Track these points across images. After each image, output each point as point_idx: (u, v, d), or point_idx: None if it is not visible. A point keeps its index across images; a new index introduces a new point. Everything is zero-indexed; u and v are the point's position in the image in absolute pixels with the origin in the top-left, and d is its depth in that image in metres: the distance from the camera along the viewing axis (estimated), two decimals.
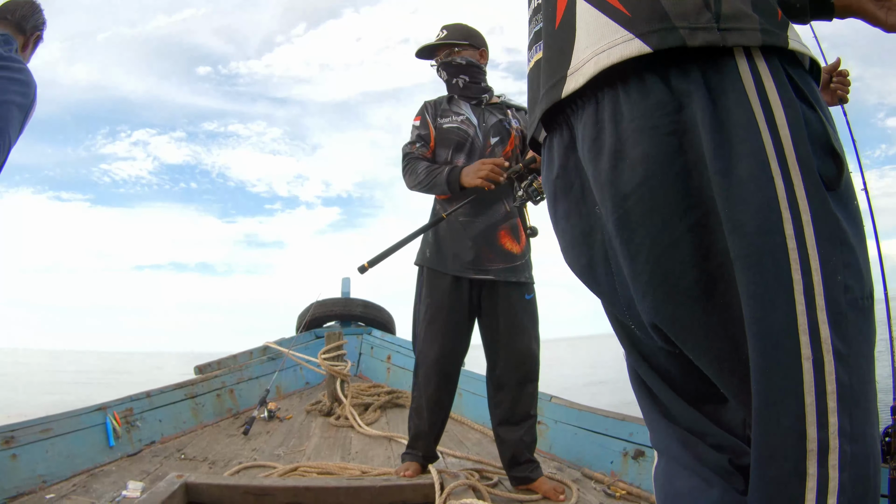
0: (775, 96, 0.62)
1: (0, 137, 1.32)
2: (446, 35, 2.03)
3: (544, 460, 2.26)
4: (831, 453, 0.58)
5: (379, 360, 4.48)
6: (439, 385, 1.99)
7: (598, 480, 2.05)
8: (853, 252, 0.62)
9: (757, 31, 0.63)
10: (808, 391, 0.59)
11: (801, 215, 0.60)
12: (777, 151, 0.61)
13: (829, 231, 0.61)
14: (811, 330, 0.59)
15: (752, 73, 0.63)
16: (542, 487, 1.89)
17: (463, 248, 1.94)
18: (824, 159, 0.62)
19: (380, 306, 5.10)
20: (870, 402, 0.61)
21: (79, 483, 1.97)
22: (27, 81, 1.48)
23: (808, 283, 0.60)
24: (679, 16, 0.65)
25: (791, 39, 0.64)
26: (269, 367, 3.78)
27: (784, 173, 0.61)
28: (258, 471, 2.19)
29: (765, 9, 0.65)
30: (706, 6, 0.64)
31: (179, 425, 2.79)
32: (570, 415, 2.43)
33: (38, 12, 1.64)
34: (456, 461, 2.33)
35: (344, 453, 2.53)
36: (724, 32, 0.63)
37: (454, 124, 2.00)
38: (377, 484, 1.70)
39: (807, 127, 0.62)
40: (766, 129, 0.61)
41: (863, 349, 0.61)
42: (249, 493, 1.65)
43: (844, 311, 0.60)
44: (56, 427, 2.07)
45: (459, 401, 3.28)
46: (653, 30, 0.65)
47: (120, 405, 2.46)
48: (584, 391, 10.62)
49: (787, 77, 0.64)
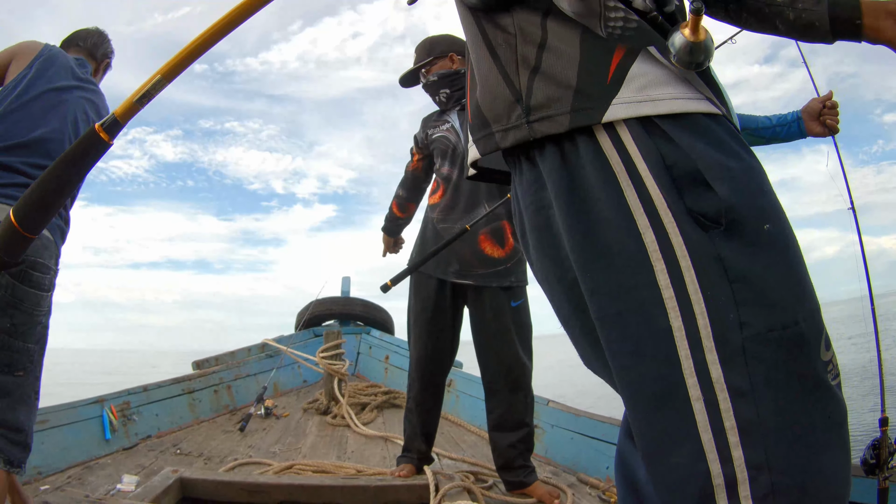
0: (634, 150, 0.62)
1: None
2: (415, 59, 2.09)
3: (540, 464, 2.26)
4: (740, 485, 0.58)
5: (377, 360, 4.48)
6: (422, 386, 2.02)
7: (593, 486, 2.05)
8: (751, 286, 0.60)
9: (567, 114, 0.64)
10: (702, 430, 0.59)
11: (678, 262, 0.60)
12: (645, 205, 0.61)
13: (713, 271, 0.60)
14: (698, 372, 0.59)
15: (612, 138, 0.63)
16: (536, 492, 1.89)
17: (445, 252, 1.95)
18: (702, 196, 0.61)
19: (379, 306, 5.10)
20: (802, 431, 0.59)
21: (74, 475, 1.97)
22: (102, 104, 1.67)
23: (692, 327, 0.59)
24: (494, 119, 0.72)
25: (615, 105, 0.63)
26: (267, 365, 3.78)
27: (655, 225, 0.61)
28: (253, 468, 2.19)
29: (587, 80, 0.64)
30: (517, 101, 0.69)
31: (176, 420, 2.79)
32: (567, 419, 2.43)
33: (108, 41, 1.81)
34: (451, 463, 2.33)
35: (340, 452, 2.52)
36: (532, 125, 0.67)
37: (440, 133, 2.05)
38: (372, 484, 1.70)
39: (671, 170, 0.62)
40: (629, 187, 0.62)
41: (780, 381, 0.59)
42: (244, 489, 1.65)
43: (741, 348, 0.59)
44: (52, 419, 2.08)
45: (456, 403, 3.28)
46: (479, 137, 0.75)
47: (117, 398, 2.46)
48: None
49: (655, 126, 0.63)
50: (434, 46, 2.05)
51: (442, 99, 2.05)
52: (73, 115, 1.55)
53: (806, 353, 0.59)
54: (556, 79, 0.66)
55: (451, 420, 3.15)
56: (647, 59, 0.64)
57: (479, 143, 0.76)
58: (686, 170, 0.61)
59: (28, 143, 1.43)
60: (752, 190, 0.62)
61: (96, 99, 1.65)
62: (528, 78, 0.68)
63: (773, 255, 0.61)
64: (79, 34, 1.79)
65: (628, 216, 0.62)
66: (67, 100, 1.56)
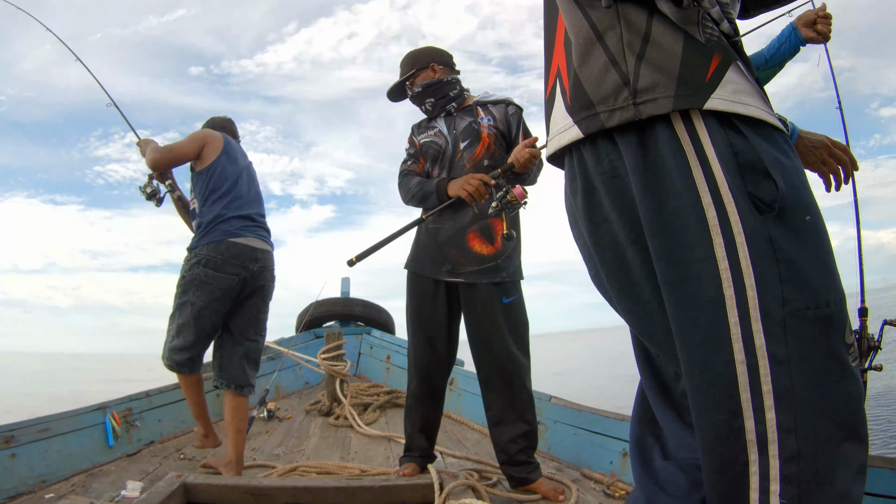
0: (706, 137, 0.72)
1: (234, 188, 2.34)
2: (400, 73, 2.12)
3: (543, 461, 2.26)
4: (770, 444, 0.66)
5: (378, 360, 4.49)
6: (420, 384, 2.03)
7: (597, 481, 2.05)
8: (794, 267, 0.68)
9: (671, 98, 0.73)
10: (742, 389, 0.67)
11: (734, 238, 0.69)
12: (709, 184, 0.70)
13: (763, 250, 0.68)
14: (745, 338, 0.68)
15: (686, 127, 0.73)
16: (541, 488, 1.89)
17: (436, 252, 1.99)
18: (761, 184, 0.70)
19: (379, 306, 5.10)
20: (826, 405, 0.67)
21: (78, 483, 1.97)
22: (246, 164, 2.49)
23: (742, 298, 0.68)
24: (601, 101, 0.78)
25: (713, 98, 0.72)
26: (268, 367, 3.78)
27: (717, 203, 0.70)
28: (257, 471, 2.19)
29: (689, 72, 0.74)
30: (625, 84, 0.76)
31: (178, 425, 2.79)
32: (570, 415, 2.43)
33: (235, 125, 2.66)
34: (455, 461, 2.33)
35: (343, 453, 2.53)
36: (638, 106, 0.74)
37: (429, 138, 2.07)
38: (376, 484, 1.70)
39: (737, 157, 0.71)
40: (697, 167, 0.71)
41: (813, 355, 0.67)
42: (248, 492, 1.65)
43: (783, 321, 0.67)
44: (55, 427, 2.07)
45: (458, 401, 3.28)
46: (581, 118, 0.81)
47: (119, 405, 2.46)
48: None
49: (728, 118, 0.72)
50: (416, 59, 2.09)
51: (428, 108, 2.09)
52: (255, 179, 2.47)
53: (835, 333, 0.68)
54: (661, 68, 0.74)
55: (453, 418, 3.15)
56: (737, 71, 0.75)
57: (581, 123, 0.81)
58: (750, 159, 0.71)
59: (251, 202, 2.35)
60: (798, 185, 0.72)
61: (251, 164, 2.51)
62: (635, 64, 0.76)
63: (812, 244, 0.70)
64: (218, 121, 2.59)
65: (694, 193, 0.71)
66: (250, 171, 2.46)
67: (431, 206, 2.00)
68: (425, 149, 2.07)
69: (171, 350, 2.20)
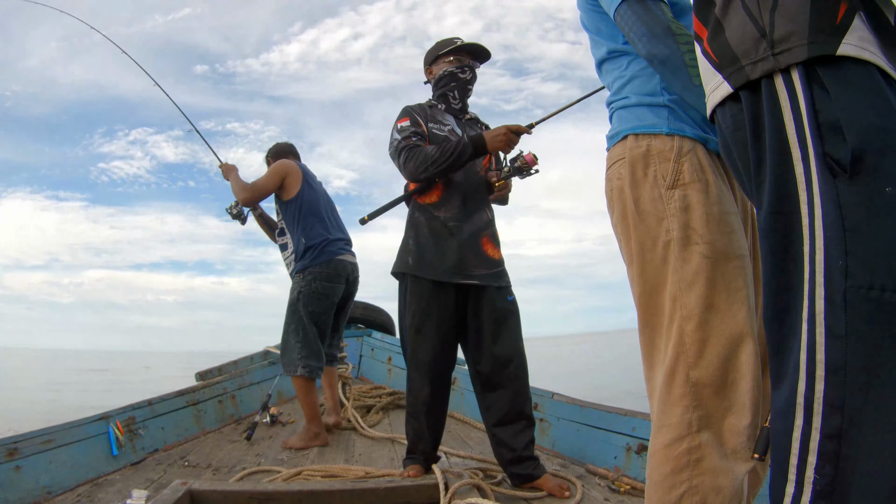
0: (800, 94, 0.74)
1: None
2: (478, 49, 2.15)
3: (547, 457, 2.27)
4: (815, 416, 0.67)
5: (380, 362, 4.49)
6: (434, 390, 2.02)
7: (602, 476, 2.06)
8: (861, 239, 0.66)
9: (805, 45, 0.75)
10: (802, 350, 0.69)
11: (814, 198, 0.70)
12: (800, 141, 0.73)
13: (833, 216, 0.68)
14: (809, 301, 0.70)
15: (786, 83, 0.76)
16: (546, 485, 1.90)
17: (448, 253, 1.98)
18: (837, 144, 0.70)
19: (379, 308, 5.10)
20: (880, 396, 0.63)
21: (83, 493, 1.97)
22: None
23: (812, 260, 0.70)
24: (744, 54, 0.81)
25: (844, 44, 0.74)
26: (270, 372, 3.78)
27: (805, 158, 0.72)
28: (262, 476, 2.19)
29: (820, 19, 0.75)
30: (762, 36, 0.79)
31: (182, 432, 2.79)
32: (573, 411, 2.44)
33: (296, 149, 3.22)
34: (459, 461, 2.33)
35: (347, 456, 2.53)
36: (776, 57, 0.77)
37: (442, 132, 2.06)
38: (381, 485, 1.70)
39: (818, 115, 0.72)
40: (791, 123, 0.74)
41: (872, 339, 0.64)
42: (254, 498, 1.65)
43: (844, 294, 0.66)
44: (58, 438, 2.07)
45: (461, 400, 3.28)
46: (730, 73, 0.83)
47: (122, 414, 2.45)
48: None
49: (817, 75, 0.74)
50: (484, 50, 2.15)
51: (456, 96, 2.13)
52: (329, 197, 3.04)
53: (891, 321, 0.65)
54: (794, 18, 0.76)
55: (457, 417, 3.16)
56: (861, 20, 0.76)
57: (731, 77, 0.84)
58: (829, 118, 0.71)
59: (338, 223, 3.01)
60: (880, 148, 0.68)
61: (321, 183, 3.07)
62: (770, 16, 0.79)
63: (886, 219, 0.66)
64: (285, 148, 3.15)
65: (786, 148, 0.74)
66: (325, 191, 3.05)
67: (464, 163, 1.97)
68: (436, 140, 2.04)
69: (305, 359, 2.73)
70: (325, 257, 2.81)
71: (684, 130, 1.14)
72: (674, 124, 1.14)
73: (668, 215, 1.09)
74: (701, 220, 1.07)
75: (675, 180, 1.10)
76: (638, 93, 1.19)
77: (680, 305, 1.05)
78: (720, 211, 1.08)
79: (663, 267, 1.09)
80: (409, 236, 2.06)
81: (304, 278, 2.78)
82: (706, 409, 1.00)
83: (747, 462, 0.98)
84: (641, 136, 1.16)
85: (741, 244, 1.09)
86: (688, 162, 1.11)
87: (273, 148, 3.18)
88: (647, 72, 1.19)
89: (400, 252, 2.09)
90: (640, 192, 1.14)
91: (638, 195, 1.14)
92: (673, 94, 1.15)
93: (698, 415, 1.00)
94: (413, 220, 2.07)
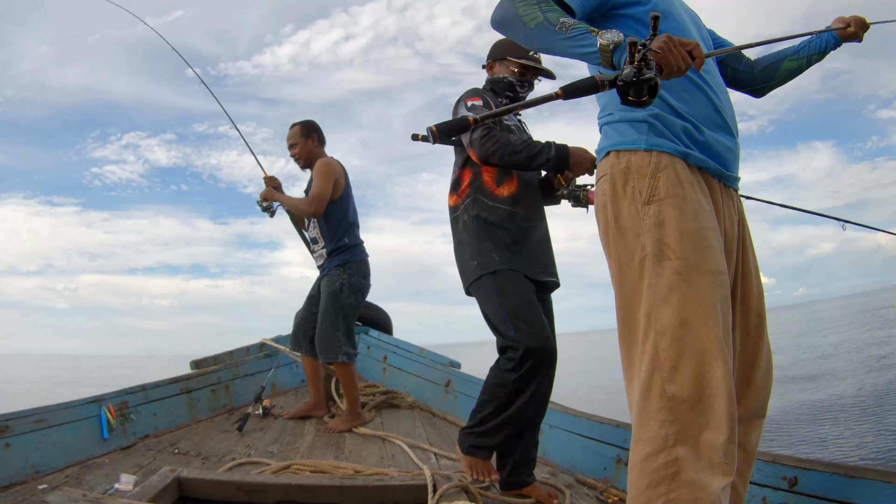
0: None
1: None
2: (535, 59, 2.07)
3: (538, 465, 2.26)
4: None
5: (375, 360, 4.48)
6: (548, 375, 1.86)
7: (591, 486, 2.05)
8: None
9: None
10: None
11: None
12: None
13: None
14: None
15: None
16: (535, 492, 1.89)
17: (532, 251, 1.95)
18: None
19: (378, 306, 5.08)
20: None
21: (71, 474, 1.97)
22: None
23: None
24: None
25: None
26: (265, 364, 3.78)
27: None
28: (251, 467, 2.19)
29: None
30: None
31: (174, 419, 2.79)
32: (565, 420, 2.43)
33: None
34: (450, 463, 2.33)
35: (337, 452, 2.52)
36: None
37: (513, 121, 2.02)
38: (370, 484, 1.70)
39: None
40: None
41: None
42: (242, 489, 1.65)
43: None
44: (50, 418, 2.07)
45: (455, 403, 3.28)
46: None
47: (115, 398, 2.46)
48: None
49: None
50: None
51: (522, 96, 2.07)
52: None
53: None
54: None
55: (449, 420, 3.15)
56: None
57: None
58: None
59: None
60: None
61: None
62: None
63: None
64: (315, 126, 3.14)
65: None
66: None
67: (536, 167, 1.87)
68: (506, 129, 1.94)
69: (347, 346, 2.91)
70: (361, 257, 3.05)
71: (663, 146, 1.15)
72: (652, 140, 1.16)
73: (643, 231, 1.11)
74: (675, 236, 1.08)
75: (651, 196, 1.11)
76: (620, 108, 1.21)
77: (654, 321, 1.06)
78: (696, 227, 1.08)
79: (639, 282, 1.10)
80: (483, 237, 1.92)
81: (347, 271, 2.94)
82: (682, 424, 1.00)
83: (725, 477, 0.98)
84: (622, 153, 1.18)
85: (717, 260, 1.09)
86: (664, 177, 1.12)
87: (311, 124, 3.13)
88: None
89: (473, 255, 1.93)
90: (620, 207, 1.16)
91: (618, 211, 1.16)
92: (651, 109, 1.16)
93: (675, 429, 1.00)
94: (479, 218, 1.93)
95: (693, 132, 1.18)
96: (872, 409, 6.12)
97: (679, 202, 1.10)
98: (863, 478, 1.36)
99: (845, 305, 49.10)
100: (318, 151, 3.10)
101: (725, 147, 1.23)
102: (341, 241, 2.98)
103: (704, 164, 1.18)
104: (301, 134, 3.08)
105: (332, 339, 2.88)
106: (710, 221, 1.12)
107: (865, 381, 7.97)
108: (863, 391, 7.25)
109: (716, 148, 1.21)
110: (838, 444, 4.87)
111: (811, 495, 1.44)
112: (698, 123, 1.19)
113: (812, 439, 5.07)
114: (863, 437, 5.04)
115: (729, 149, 1.24)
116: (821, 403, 6.69)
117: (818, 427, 5.52)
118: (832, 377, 8.87)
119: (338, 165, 3.02)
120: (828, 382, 8.33)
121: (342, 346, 2.87)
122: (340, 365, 2.88)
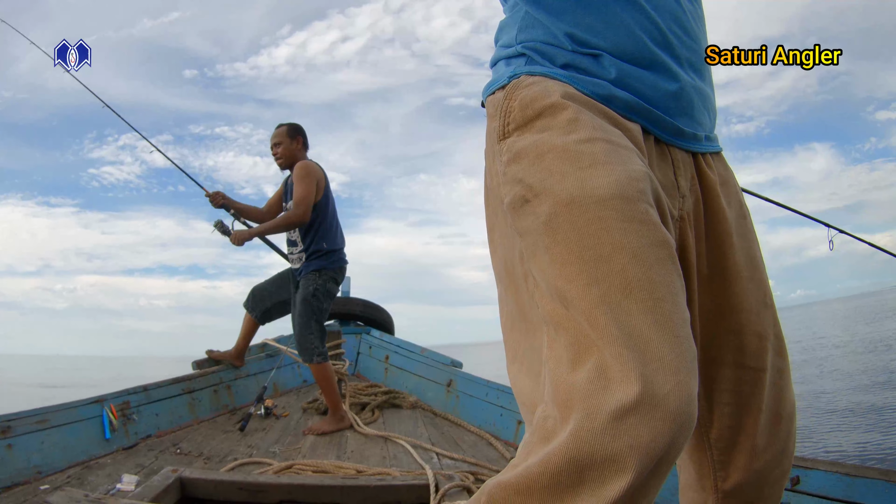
0: None
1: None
2: None
3: None
4: None
5: (377, 360, 4.48)
6: None
7: None
8: None
9: None
10: None
11: None
12: None
13: None
14: None
15: None
16: None
17: None
18: None
19: (379, 306, 5.09)
20: None
21: (73, 475, 1.97)
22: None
23: None
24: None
25: None
26: (266, 364, 3.78)
27: None
28: (253, 467, 2.19)
29: None
30: None
31: (176, 420, 2.79)
32: None
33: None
34: (451, 462, 2.33)
35: (340, 452, 2.52)
36: None
37: None
38: (372, 483, 1.70)
39: None
40: None
41: None
42: (244, 489, 1.65)
43: None
44: (52, 418, 2.08)
45: (457, 402, 3.28)
46: None
47: (117, 398, 2.46)
48: None
49: None
50: None
51: None
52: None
53: None
54: None
55: (451, 420, 3.15)
56: None
57: None
58: None
59: (342, 235, 3.17)
60: None
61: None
62: None
63: None
64: (300, 129, 3.12)
65: None
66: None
67: None
68: None
69: (320, 347, 2.94)
70: (339, 264, 3.09)
71: (533, 72, 0.76)
72: (521, 69, 0.77)
73: (500, 180, 0.73)
74: (533, 165, 0.68)
75: (506, 125, 0.74)
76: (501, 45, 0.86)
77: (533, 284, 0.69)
78: (575, 140, 0.67)
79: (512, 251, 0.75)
80: None
81: (321, 277, 2.99)
82: None
83: None
84: (491, 98, 0.81)
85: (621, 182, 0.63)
86: (524, 95, 0.73)
87: (298, 127, 3.13)
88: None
89: None
90: (486, 172, 0.82)
91: (486, 180, 0.83)
92: (531, 42, 0.79)
93: None
94: None
95: (595, 67, 0.75)
96: (873, 409, 6.12)
97: (547, 122, 0.70)
98: (865, 477, 1.35)
99: (844, 307, 49.03)
100: (301, 154, 3.11)
101: (662, 90, 0.76)
102: (319, 244, 3.00)
103: (608, 93, 0.74)
104: (287, 134, 3.10)
105: (307, 342, 2.96)
106: (605, 133, 0.69)
107: (865, 381, 7.97)
108: (863, 391, 7.25)
109: (638, 87, 0.75)
110: (838, 444, 4.88)
111: (813, 494, 1.44)
112: (610, 56, 0.75)
113: (812, 439, 5.08)
114: (863, 437, 5.04)
115: (670, 93, 0.76)
116: (821, 403, 6.69)
117: (818, 427, 5.52)
118: (833, 377, 8.87)
119: (317, 168, 3.05)
120: (828, 382, 8.33)
121: (316, 348, 2.95)
122: (316, 366, 2.95)
